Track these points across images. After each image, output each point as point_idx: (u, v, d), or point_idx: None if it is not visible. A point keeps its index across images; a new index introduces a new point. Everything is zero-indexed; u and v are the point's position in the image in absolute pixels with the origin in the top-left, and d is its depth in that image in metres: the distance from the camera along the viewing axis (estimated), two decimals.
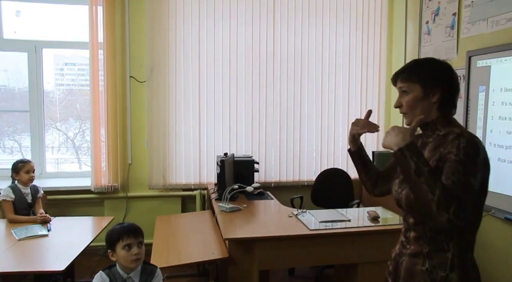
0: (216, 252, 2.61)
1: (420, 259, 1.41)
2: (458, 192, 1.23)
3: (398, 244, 1.56)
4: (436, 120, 1.44)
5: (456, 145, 1.30)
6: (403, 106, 1.47)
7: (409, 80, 1.44)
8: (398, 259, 1.52)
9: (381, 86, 4.59)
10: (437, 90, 1.41)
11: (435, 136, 1.44)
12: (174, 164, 4.20)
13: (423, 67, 1.45)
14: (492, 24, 3.15)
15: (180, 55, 4.14)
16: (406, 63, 1.52)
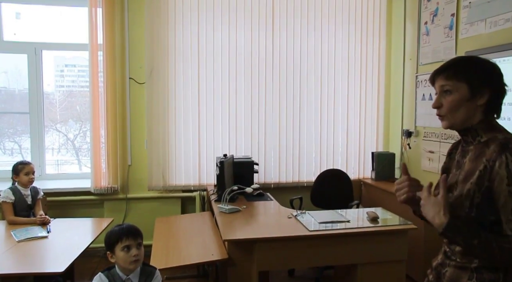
0: (216, 253, 2.61)
1: (467, 272, 1.31)
2: None
3: (441, 254, 1.45)
4: (477, 126, 1.32)
5: (505, 164, 1.20)
6: (443, 107, 1.34)
7: (455, 78, 1.31)
8: (440, 270, 1.42)
9: (380, 88, 4.59)
10: (485, 92, 1.29)
11: (476, 144, 1.34)
12: (173, 165, 4.21)
13: (472, 65, 1.32)
14: (490, 24, 3.15)
15: (179, 57, 4.14)
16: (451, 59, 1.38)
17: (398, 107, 4.46)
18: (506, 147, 1.23)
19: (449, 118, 1.34)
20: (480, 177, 1.26)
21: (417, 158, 4.07)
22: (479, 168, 1.27)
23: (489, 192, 1.24)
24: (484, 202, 1.25)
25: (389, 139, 4.65)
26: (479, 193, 1.26)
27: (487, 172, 1.24)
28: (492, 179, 1.23)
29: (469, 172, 1.31)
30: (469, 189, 1.28)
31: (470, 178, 1.30)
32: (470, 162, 1.33)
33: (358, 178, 4.55)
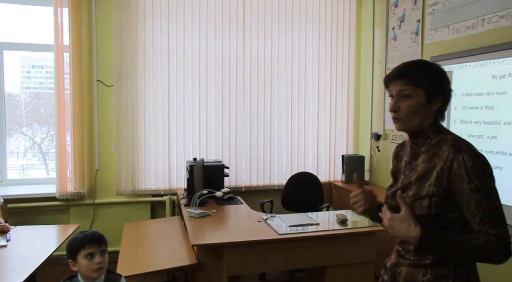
0: (185, 259, 2.58)
1: (421, 269, 1.35)
2: (491, 225, 1.23)
3: (394, 253, 1.49)
4: (427, 128, 1.37)
5: (463, 164, 1.25)
6: (401, 111, 1.36)
7: (414, 84, 1.33)
8: (395, 269, 1.45)
9: (350, 91, 4.66)
10: (439, 98, 1.34)
11: (427, 145, 1.38)
12: (143, 169, 4.13)
13: (428, 71, 1.36)
14: (453, 31, 3.25)
15: (149, 59, 4.08)
16: (401, 63, 1.41)
17: (367, 110, 4.54)
18: (460, 147, 1.28)
19: (405, 122, 1.37)
20: (438, 178, 1.30)
21: (386, 160, 4.15)
22: (436, 170, 1.31)
23: (448, 192, 1.29)
24: (442, 201, 1.30)
25: (359, 142, 4.72)
26: (437, 193, 1.30)
27: (444, 173, 1.29)
28: (452, 179, 1.27)
29: (423, 172, 1.35)
30: (428, 190, 1.32)
31: (425, 178, 1.34)
32: (424, 163, 1.37)
33: (329, 180, 4.60)
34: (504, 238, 1.23)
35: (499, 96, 2.77)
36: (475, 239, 1.24)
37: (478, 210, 1.24)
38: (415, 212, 1.33)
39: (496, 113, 2.80)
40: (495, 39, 2.84)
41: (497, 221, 1.24)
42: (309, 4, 4.47)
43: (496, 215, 1.24)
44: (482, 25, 2.97)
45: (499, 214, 1.25)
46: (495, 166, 2.78)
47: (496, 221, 1.24)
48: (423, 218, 1.31)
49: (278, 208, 4.02)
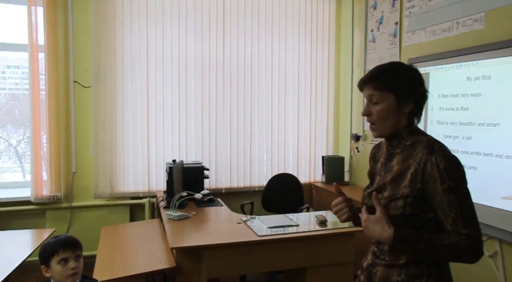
0: (163, 262, 2.55)
1: (396, 269, 1.36)
2: (463, 225, 1.24)
3: (370, 254, 1.50)
4: (402, 130, 1.38)
5: (435, 165, 1.26)
6: (372, 115, 1.38)
7: (382, 89, 1.34)
8: (371, 270, 1.46)
9: (330, 93, 4.69)
10: (410, 101, 1.34)
11: (402, 147, 1.39)
12: (121, 171, 4.07)
13: (397, 75, 1.36)
14: (430, 33, 3.31)
15: (127, 60, 4.02)
16: (374, 67, 1.42)
17: (347, 112, 4.57)
18: (433, 149, 1.30)
19: (379, 127, 1.39)
20: (412, 180, 1.31)
21: (365, 161, 4.19)
22: (410, 171, 1.33)
23: (422, 193, 1.30)
24: (417, 202, 1.31)
25: (339, 143, 4.76)
26: (412, 194, 1.31)
27: (418, 174, 1.30)
28: (426, 180, 1.29)
29: (398, 173, 1.37)
30: (403, 191, 1.33)
31: (400, 179, 1.35)
32: (398, 164, 1.38)
33: (309, 181, 4.62)
34: (475, 238, 1.24)
35: (474, 97, 2.83)
36: (447, 239, 1.25)
37: (451, 211, 1.26)
38: (390, 212, 1.34)
39: (471, 114, 2.85)
40: (470, 42, 2.90)
41: (469, 221, 1.26)
42: (288, 6, 4.48)
43: (468, 215, 1.26)
44: (457, 28, 3.03)
45: (471, 214, 1.27)
46: (469, 166, 2.84)
47: (468, 221, 1.25)
48: (398, 218, 1.33)
49: (258, 210, 4.01)
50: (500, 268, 2.64)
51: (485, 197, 2.70)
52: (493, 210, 2.65)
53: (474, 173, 2.81)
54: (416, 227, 1.32)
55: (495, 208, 2.64)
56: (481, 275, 2.77)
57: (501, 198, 2.60)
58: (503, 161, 2.59)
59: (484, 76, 2.75)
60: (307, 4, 4.54)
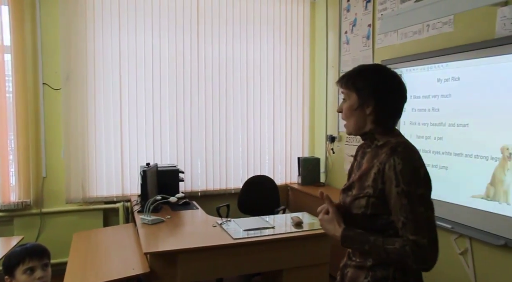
0: (137, 268, 2.49)
1: (363, 271, 1.37)
2: (411, 231, 1.23)
3: (346, 255, 1.52)
4: (374, 130, 1.39)
5: (393, 167, 1.26)
6: (342, 112, 1.44)
7: (347, 87, 1.40)
8: (344, 270, 1.49)
9: (305, 94, 4.72)
10: (371, 102, 1.35)
11: (373, 146, 1.41)
12: (94, 175, 3.97)
13: (362, 75, 1.39)
14: (401, 36, 3.36)
15: (99, 61, 3.93)
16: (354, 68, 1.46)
17: (322, 113, 4.60)
18: (395, 150, 1.30)
19: (346, 124, 1.44)
20: (374, 180, 1.33)
21: (340, 162, 4.23)
22: (373, 171, 1.34)
23: (382, 194, 1.31)
24: (379, 202, 1.32)
25: (314, 144, 4.78)
26: (374, 194, 1.33)
27: (380, 175, 1.31)
28: (384, 181, 1.30)
29: (364, 172, 1.39)
30: (367, 191, 1.34)
31: (365, 178, 1.37)
32: (366, 163, 1.41)
33: (285, 183, 4.63)
34: (421, 246, 1.22)
35: (444, 99, 2.89)
36: (391, 244, 1.25)
37: (401, 214, 1.25)
38: (353, 211, 1.37)
39: (441, 115, 2.91)
40: (439, 44, 2.96)
41: (419, 228, 1.23)
42: (263, 8, 4.48)
43: (419, 221, 1.23)
44: (427, 30, 3.09)
45: (422, 221, 1.23)
46: (441, 165, 2.89)
47: (418, 228, 1.23)
48: (359, 217, 1.35)
49: (234, 212, 3.99)
50: (470, 265, 2.70)
51: (456, 196, 2.76)
52: (463, 209, 2.71)
53: (445, 172, 2.87)
54: (377, 228, 1.32)
55: (465, 207, 2.70)
56: (452, 272, 2.83)
57: (471, 197, 2.66)
58: (473, 160, 2.65)
59: (453, 77, 2.81)
60: (281, 6, 4.56)
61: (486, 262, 2.61)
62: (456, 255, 2.80)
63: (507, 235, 2.42)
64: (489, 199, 2.54)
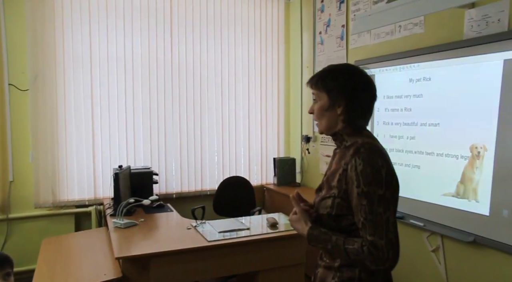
0: (109, 273, 2.43)
1: (331, 272, 1.38)
2: (369, 231, 1.23)
3: (319, 255, 1.52)
4: (343, 131, 1.39)
5: (354, 168, 1.27)
6: (314, 113, 1.44)
7: (317, 88, 1.40)
8: (315, 270, 1.50)
9: (280, 95, 4.72)
10: (341, 102, 1.35)
11: (342, 147, 1.41)
12: (65, 178, 3.86)
13: (332, 75, 1.38)
14: (374, 36, 3.40)
15: (69, 61, 3.82)
16: (324, 68, 1.46)
17: (297, 113, 4.61)
18: (358, 151, 1.30)
19: (318, 124, 1.45)
20: (339, 180, 1.34)
21: (316, 162, 4.25)
22: (339, 172, 1.35)
23: (346, 194, 1.32)
24: (343, 203, 1.33)
25: (290, 145, 4.79)
26: (339, 194, 1.33)
27: (344, 175, 1.32)
28: (347, 181, 1.31)
29: (332, 173, 1.40)
30: (333, 191, 1.35)
31: (331, 179, 1.38)
32: (335, 164, 1.41)
33: (261, 183, 4.61)
34: (378, 247, 1.22)
35: (416, 99, 2.93)
36: (351, 244, 1.27)
37: (361, 215, 1.26)
38: (320, 211, 1.39)
39: (413, 115, 2.95)
40: (411, 45, 3.00)
41: (377, 229, 1.23)
42: (237, 9, 4.46)
43: (377, 222, 1.23)
44: (399, 31, 3.13)
45: (381, 222, 1.23)
46: (414, 165, 2.94)
47: (376, 228, 1.23)
48: (325, 217, 1.37)
49: (210, 214, 3.94)
50: (442, 261, 2.75)
51: (428, 195, 2.81)
52: (435, 207, 2.76)
53: (417, 171, 2.91)
54: (343, 228, 1.34)
55: (437, 205, 2.75)
56: (425, 269, 2.88)
57: (442, 195, 2.71)
58: (443, 159, 2.70)
59: (425, 78, 2.86)
60: (256, 6, 4.54)
61: (456, 258, 2.66)
62: (429, 252, 2.85)
63: (476, 231, 2.47)
64: (459, 197, 2.59)
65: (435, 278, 2.81)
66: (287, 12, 4.72)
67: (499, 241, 2.34)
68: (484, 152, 2.42)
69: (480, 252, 2.49)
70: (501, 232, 2.33)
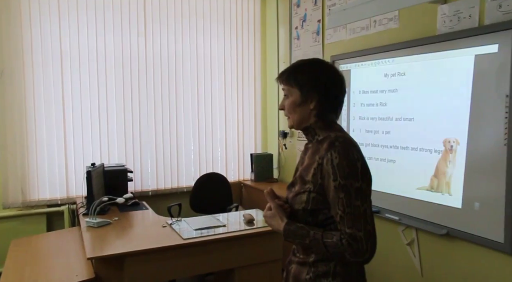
0: (81, 274, 2.36)
1: (306, 267, 1.38)
2: (348, 224, 1.24)
3: (291, 251, 1.51)
4: (315, 125, 1.39)
5: (330, 161, 1.27)
6: (285, 109, 1.44)
7: (288, 84, 1.40)
8: (288, 266, 1.49)
9: (257, 90, 4.69)
10: (314, 97, 1.36)
11: (314, 142, 1.40)
12: (35, 177, 3.74)
13: (303, 70, 1.39)
14: (350, 31, 3.40)
15: (37, 56, 3.68)
16: (293, 63, 1.46)
17: (274, 109, 4.60)
18: (333, 145, 1.30)
19: (290, 120, 1.44)
20: (314, 175, 1.33)
21: (293, 158, 4.24)
22: (313, 166, 1.34)
23: (322, 188, 1.31)
24: (319, 197, 1.32)
25: (267, 140, 4.77)
26: (314, 189, 1.33)
27: (319, 170, 1.31)
28: (323, 175, 1.30)
29: (305, 168, 1.38)
30: (308, 186, 1.34)
31: (306, 174, 1.37)
32: (308, 159, 1.39)
33: (238, 180, 4.58)
34: (357, 239, 1.23)
35: (391, 93, 2.95)
36: (330, 237, 1.26)
37: (339, 208, 1.26)
38: (295, 207, 1.38)
39: (389, 109, 2.97)
40: (386, 40, 3.02)
41: (355, 221, 1.24)
42: (213, 3, 4.39)
43: (355, 214, 1.24)
44: (374, 26, 3.14)
45: (359, 214, 1.24)
46: (389, 159, 2.96)
47: (354, 221, 1.24)
48: (300, 213, 1.36)
49: (187, 211, 3.90)
50: (417, 254, 2.79)
51: (403, 189, 2.84)
52: (409, 201, 2.79)
53: (393, 166, 2.94)
54: (319, 223, 1.33)
55: (411, 198, 2.78)
56: (400, 262, 2.92)
57: (417, 189, 2.74)
58: (418, 154, 2.73)
59: (399, 73, 2.88)
60: (232, 1, 4.49)
61: (430, 251, 2.70)
62: (404, 245, 2.88)
63: (449, 224, 2.51)
64: (433, 190, 2.63)
65: (410, 270, 2.84)
66: (263, 7, 4.69)
67: (471, 233, 2.38)
68: (457, 145, 2.46)
69: (452, 244, 2.53)
70: (473, 224, 2.37)
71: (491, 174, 2.26)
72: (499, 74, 2.20)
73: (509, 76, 2.14)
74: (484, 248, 2.33)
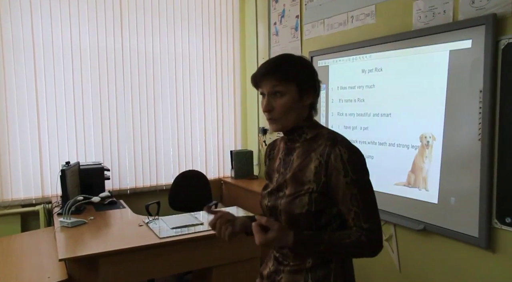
0: (53, 276, 2.30)
1: (302, 274, 1.28)
2: (364, 219, 1.21)
3: (271, 260, 1.40)
4: (303, 124, 1.31)
5: (339, 157, 1.21)
6: (275, 110, 1.28)
7: (286, 80, 1.25)
8: (274, 277, 1.36)
9: (236, 86, 4.65)
10: (310, 92, 1.29)
11: (302, 140, 1.32)
12: (8, 176, 3.63)
13: (298, 65, 1.28)
14: (328, 27, 3.39)
15: (8, 51, 3.57)
16: (268, 60, 1.32)
17: (254, 105, 4.57)
18: (336, 140, 1.25)
19: (282, 121, 1.30)
20: (316, 173, 1.25)
21: None
22: (313, 165, 1.26)
23: (326, 187, 1.24)
24: (322, 197, 1.25)
25: (247, 137, 4.74)
26: (317, 189, 1.24)
27: (322, 168, 1.24)
28: (329, 173, 1.23)
29: (299, 168, 1.29)
30: (308, 187, 1.26)
31: (302, 174, 1.28)
32: (299, 159, 1.31)
33: (218, 177, 4.55)
34: (374, 231, 1.22)
35: (369, 89, 2.95)
36: (347, 237, 1.21)
37: (353, 204, 1.21)
38: (295, 211, 1.26)
39: (366, 105, 2.97)
40: (363, 35, 3.01)
41: (370, 215, 1.23)
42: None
43: (370, 208, 1.23)
44: (351, 22, 3.13)
45: (372, 207, 1.24)
46: (367, 155, 2.96)
47: (370, 215, 1.22)
48: (304, 216, 1.25)
49: (165, 209, 3.84)
50: (395, 250, 2.80)
51: (381, 184, 2.84)
52: (388, 196, 2.79)
53: (371, 161, 2.94)
54: (322, 225, 1.26)
55: (389, 194, 2.79)
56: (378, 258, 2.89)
57: (395, 185, 2.75)
58: (395, 149, 2.74)
59: (376, 68, 2.88)
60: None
61: (408, 246, 2.72)
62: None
63: (426, 219, 2.53)
64: (410, 186, 2.64)
65: (388, 266, 2.86)
66: (242, 3, 4.64)
67: (447, 228, 2.40)
68: (433, 141, 2.47)
69: (429, 240, 2.55)
70: (449, 219, 2.39)
71: (466, 169, 2.28)
72: (473, 70, 2.21)
73: (482, 71, 2.16)
74: (460, 242, 2.35)
